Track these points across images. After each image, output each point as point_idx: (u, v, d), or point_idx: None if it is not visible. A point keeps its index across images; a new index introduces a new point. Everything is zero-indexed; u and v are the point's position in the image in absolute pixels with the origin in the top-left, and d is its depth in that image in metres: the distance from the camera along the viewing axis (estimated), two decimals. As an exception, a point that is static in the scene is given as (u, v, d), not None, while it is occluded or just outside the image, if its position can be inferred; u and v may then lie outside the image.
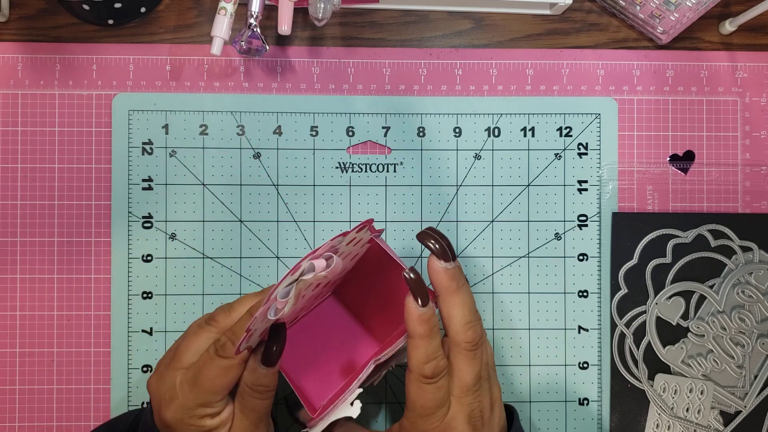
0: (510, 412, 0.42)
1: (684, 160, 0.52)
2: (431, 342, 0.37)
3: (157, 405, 0.38)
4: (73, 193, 0.50)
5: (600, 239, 0.51)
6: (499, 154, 0.51)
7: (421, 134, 0.51)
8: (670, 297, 0.51)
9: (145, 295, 0.50)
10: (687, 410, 0.50)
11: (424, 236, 0.38)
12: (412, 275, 0.36)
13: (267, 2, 0.47)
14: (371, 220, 0.38)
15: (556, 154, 0.51)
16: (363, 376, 0.39)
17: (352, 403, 0.38)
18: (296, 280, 0.34)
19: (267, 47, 0.47)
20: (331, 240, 0.35)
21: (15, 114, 0.50)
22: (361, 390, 0.39)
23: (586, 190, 0.51)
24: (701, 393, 0.50)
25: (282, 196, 0.51)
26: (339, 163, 0.51)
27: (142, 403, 0.50)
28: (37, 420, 0.49)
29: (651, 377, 0.51)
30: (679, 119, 0.52)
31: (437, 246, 0.37)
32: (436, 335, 0.37)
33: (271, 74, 0.51)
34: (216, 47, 0.46)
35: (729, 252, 0.51)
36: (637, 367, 0.51)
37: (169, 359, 0.39)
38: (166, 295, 0.50)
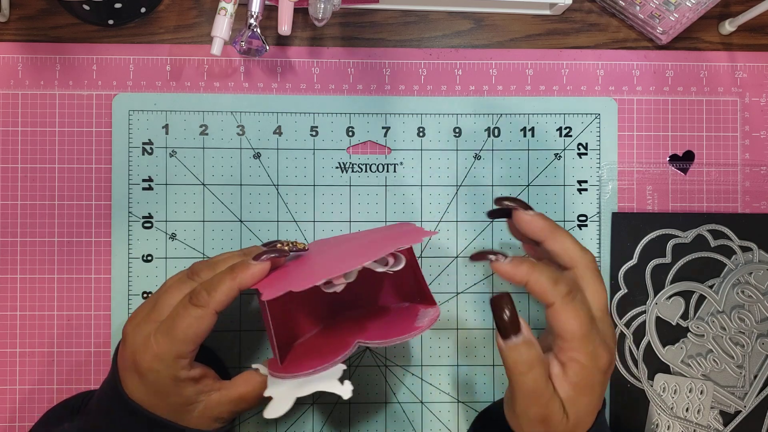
0: None
1: (684, 160, 0.52)
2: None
3: (131, 352, 0.38)
4: (73, 193, 0.50)
5: (600, 239, 0.51)
6: (499, 154, 0.51)
7: (421, 134, 0.51)
8: (670, 297, 0.51)
9: (145, 295, 0.50)
10: (687, 410, 0.50)
11: (498, 201, 0.40)
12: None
13: (267, 2, 0.47)
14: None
15: (555, 154, 0.51)
16: (348, 353, 0.39)
17: (342, 381, 0.38)
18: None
19: (267, 47, 0.47)
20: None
21: (15, 114, 0.50)
22: (345, 368, 0.39)
23: (585, 190, 0.51)
24: (701, 393, 0.50)
25: (282, 196, 0.51)
26: (339, 163, 0.51)
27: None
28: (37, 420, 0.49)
29: (651, 377, 0.51)
30: (678, 119, 0.52)
31: (513, 203, 0.40)
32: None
33: (271, 74, 0.51)
34: (216, 47, 0.46)
35: (729, 252, 0.51)
36: (636, 367, 0.51)
37: (148, 311, 0.39)
38: (166, 295, 0.50)
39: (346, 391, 0.38)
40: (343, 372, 0.39)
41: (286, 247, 0.41)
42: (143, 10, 0.50)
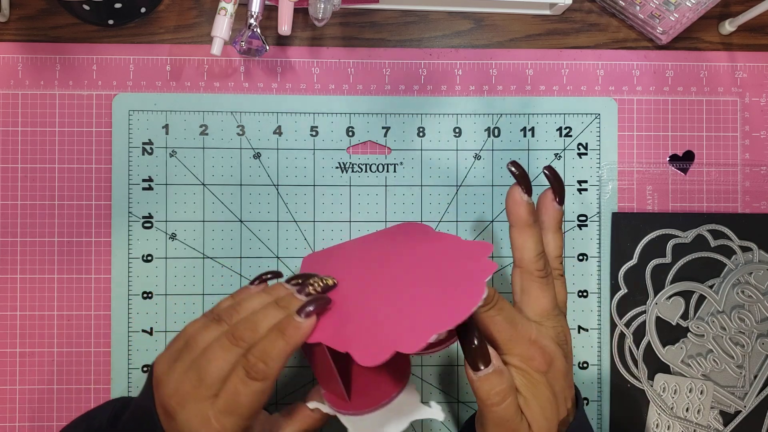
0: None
1: (684, 160, 0.52)
2: (539, 234, 0.38)
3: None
4: (73, 193, 0.50)
5: (600, 239, 0.51)
6: (499, 154, 0.51)
7: (421, 134, 0.51)
8: (670, 297, 0.51)
9: (145, 295, 0.50)
10: (687, 410, 0.50)
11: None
12: (514, 168, 0.38)
13: (267, 2, 0.47)
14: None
15: (556, 154, 0.51)
16: (409, 370, 0.38)
17: (426, 403, 0.36)
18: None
19: (267, 47, 0.47)
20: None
21: (15, 114, 0.50)
22: (415, 386, 0.38)
23: (585, 190, 0.51)
24: (701, 393, 0.50)
25: (282, 196, 0.51)
26: (339, 163, 0.51)
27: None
28: (37, 420, 0.49)
29: (651, 377, 0.51)
30: (678, 119, 0.52)
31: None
32: (539, 229, 0.39)
33: (271, 74, 0.51)
34: (216, 47, 0.46)
35: (729, 252, 0.51)
36: (636, 367, 0.51)
37: (194, 384, 0.36)
38: (166, 295, 0.50)
39: (437, 413, 0.36)
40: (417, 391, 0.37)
41: (318, 287, 0.38)
42: (143, 10, 0.50)
